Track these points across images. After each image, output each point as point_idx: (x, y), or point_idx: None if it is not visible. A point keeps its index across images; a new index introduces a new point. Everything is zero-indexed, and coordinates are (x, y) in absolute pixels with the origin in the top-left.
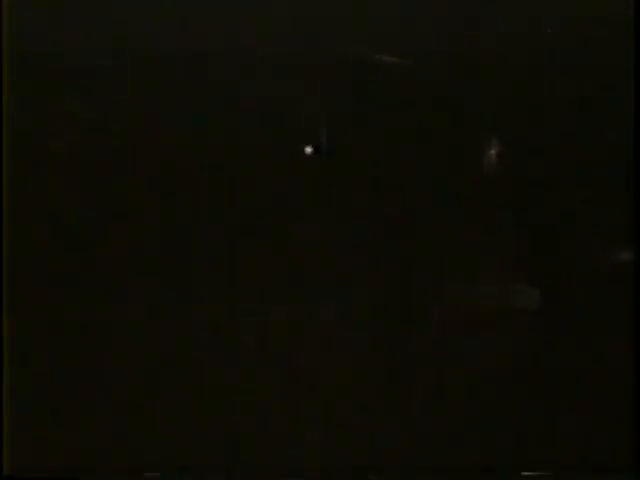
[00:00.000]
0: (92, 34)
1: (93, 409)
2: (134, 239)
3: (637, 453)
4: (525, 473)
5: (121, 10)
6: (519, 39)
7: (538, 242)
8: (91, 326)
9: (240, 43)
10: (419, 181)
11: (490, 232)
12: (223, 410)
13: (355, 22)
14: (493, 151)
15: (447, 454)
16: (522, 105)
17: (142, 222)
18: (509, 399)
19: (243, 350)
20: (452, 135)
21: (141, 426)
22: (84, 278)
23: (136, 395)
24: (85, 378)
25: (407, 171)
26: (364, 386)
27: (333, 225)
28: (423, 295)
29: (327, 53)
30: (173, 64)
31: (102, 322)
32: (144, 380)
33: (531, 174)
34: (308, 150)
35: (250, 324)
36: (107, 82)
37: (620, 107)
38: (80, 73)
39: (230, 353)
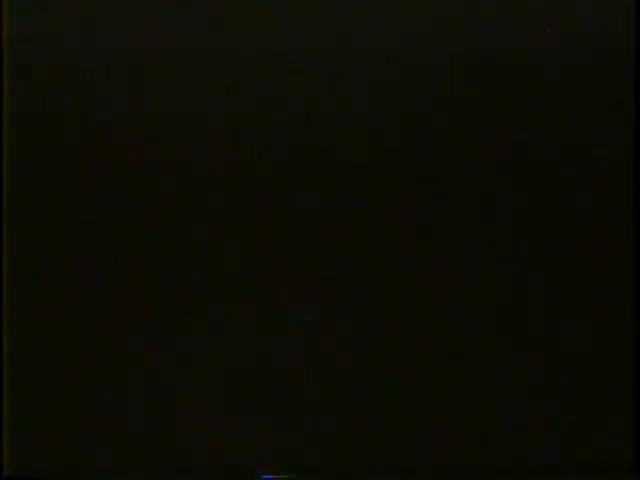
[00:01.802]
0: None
1: (93, 409)
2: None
3: (637, 453)
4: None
5: None
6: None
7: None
8: (92, 327)
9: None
10: None
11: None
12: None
13: None
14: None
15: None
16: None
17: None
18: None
19: None
20: None
21: (142, 426)
22: (85, 279)
23: (137, 395)
24: (85, 378)
25: None
26: None
27: None
28: None
29: None
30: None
31: (103, 322)
32: (145, 380)
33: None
34: None
35: None
36: None
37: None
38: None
39: None
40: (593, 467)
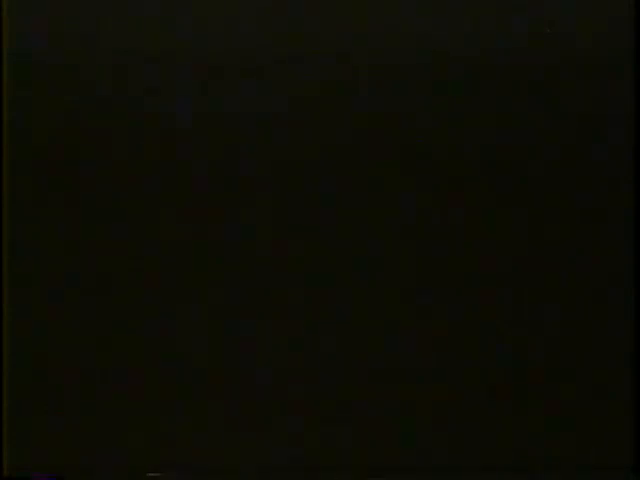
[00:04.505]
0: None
1: (94, 409)
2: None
3: (637, 453)
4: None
5: None
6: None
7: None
8: (92, 326)
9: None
10: None
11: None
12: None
13: None
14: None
15: None
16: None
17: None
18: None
19: None
20: None
21: (142, 426)
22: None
23: (137, 394)
24: (85, 378)
25: None
26: None
27: None
28: None
29: None
30: None
31: (102, 322)
32: (145, 379)
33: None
34: None
35: None
36: None
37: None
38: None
39: None
40: (593, 467)
